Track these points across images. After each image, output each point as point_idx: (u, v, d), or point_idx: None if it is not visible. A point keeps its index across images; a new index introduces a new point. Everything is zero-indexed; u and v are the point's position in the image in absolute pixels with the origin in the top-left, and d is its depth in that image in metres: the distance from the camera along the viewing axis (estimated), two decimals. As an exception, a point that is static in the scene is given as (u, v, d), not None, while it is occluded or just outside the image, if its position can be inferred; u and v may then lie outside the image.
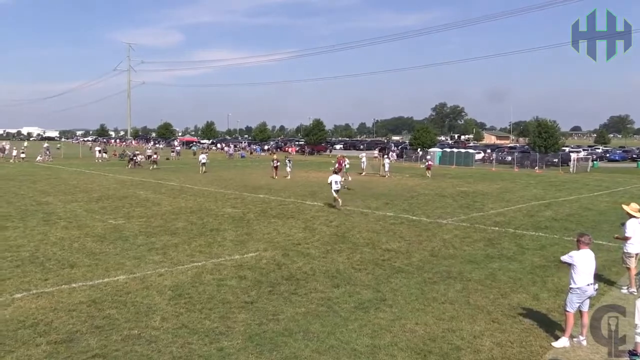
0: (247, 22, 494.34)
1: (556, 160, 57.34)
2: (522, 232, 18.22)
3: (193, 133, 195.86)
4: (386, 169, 42.89)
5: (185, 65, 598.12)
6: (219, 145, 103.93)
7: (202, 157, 43.92)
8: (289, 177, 37.98)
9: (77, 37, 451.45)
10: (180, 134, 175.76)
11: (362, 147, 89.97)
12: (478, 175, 45.72)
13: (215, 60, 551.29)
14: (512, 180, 40.71)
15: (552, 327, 9.15)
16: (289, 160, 40.54)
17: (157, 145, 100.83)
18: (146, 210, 21.85)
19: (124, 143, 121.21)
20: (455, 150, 65.85)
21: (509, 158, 62.66)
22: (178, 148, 77.21)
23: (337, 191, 23.07)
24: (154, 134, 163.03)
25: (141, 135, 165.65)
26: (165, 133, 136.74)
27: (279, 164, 39.06)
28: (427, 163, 44.28)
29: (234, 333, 8.73)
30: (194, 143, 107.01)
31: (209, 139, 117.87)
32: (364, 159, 45.89)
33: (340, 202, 22.96)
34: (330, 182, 23.27)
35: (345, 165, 36.35)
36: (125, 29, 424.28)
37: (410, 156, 68.20)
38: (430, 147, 70.25)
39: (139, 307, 9.92)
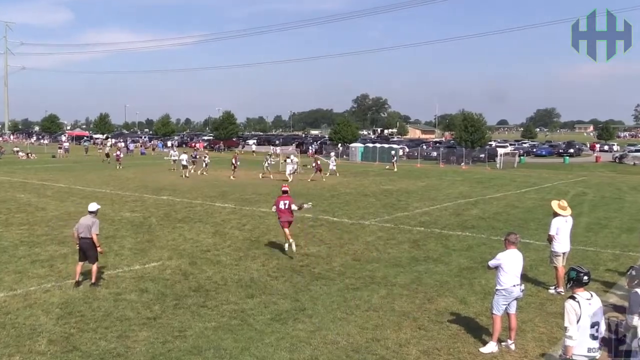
0: (148, 0, 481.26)
1: (483, 155, 60.06)
2: (448, 232, 18.93)
3: (84, 127, 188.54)
4: (331, 166, 42.56)
5: (75, 48, 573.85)
6: (114, 141, 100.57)
7: (183, 158, 39.83)
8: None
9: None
10: (68, 127, 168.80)
11: (277, 142, 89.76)
12: (402, 172, 47.05)
13: (110, 43, 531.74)
14: (438, 177, 42.23)
15: (480, 332, 9.58)
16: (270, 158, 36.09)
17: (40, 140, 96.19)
18: (28, 216, 20.87)
19: (1, 138, 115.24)
20: (378, 145, 67.33)
21: (435, 154, 64.87)
22: (66, 144, 74.35)
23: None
24: (37, 128, 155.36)
25: (22, 129, 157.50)
26: (51, 127, 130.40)
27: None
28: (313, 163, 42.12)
29: (134, 354, 8.51)
30: (86, 138, 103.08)
31: (102, 134, 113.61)
32: (293, 159, 41.06)
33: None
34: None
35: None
36: (2, 3, 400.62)
37: (329, 152, 69.09)
38: (351, 142, 71.39)
39: (20, 329, 9.46)
